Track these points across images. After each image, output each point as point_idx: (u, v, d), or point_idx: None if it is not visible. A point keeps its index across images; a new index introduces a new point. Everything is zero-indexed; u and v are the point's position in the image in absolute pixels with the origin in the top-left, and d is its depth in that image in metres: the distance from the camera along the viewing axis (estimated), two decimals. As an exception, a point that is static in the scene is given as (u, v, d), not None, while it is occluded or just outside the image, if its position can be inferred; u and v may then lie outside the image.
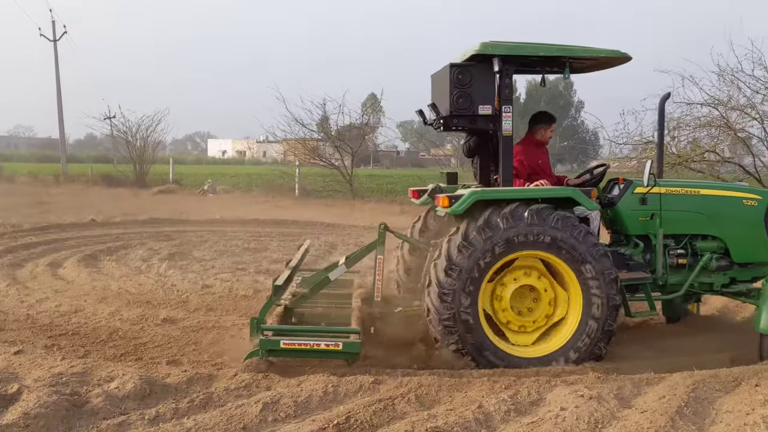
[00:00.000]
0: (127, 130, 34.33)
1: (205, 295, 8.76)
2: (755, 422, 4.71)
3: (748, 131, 19.01)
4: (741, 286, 7.06)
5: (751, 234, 6.97)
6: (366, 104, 32.72)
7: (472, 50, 6.30)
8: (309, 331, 6.08)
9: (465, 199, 6.14)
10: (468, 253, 6.04)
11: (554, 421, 4.79)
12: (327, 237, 15.01)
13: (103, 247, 12.81)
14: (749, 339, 6.70)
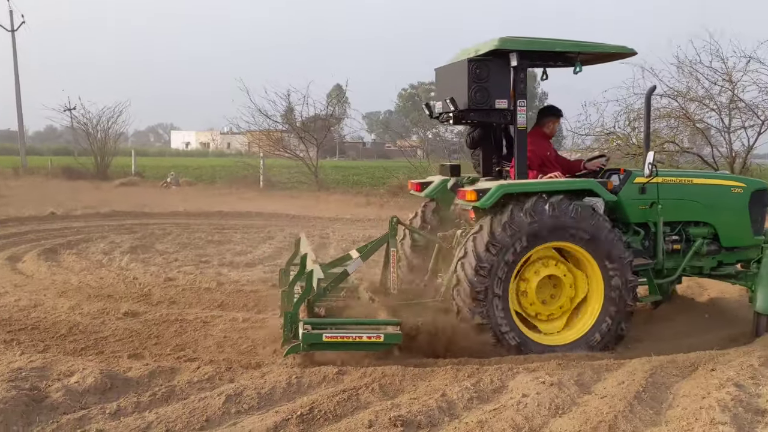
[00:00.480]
0: (87, 122, 33.81)
1: (167, 288, 8.67)
2: (710, 405, 4.82)
3: (706, 122, 19.38)
4: (729, 269, 7.45)
5: (737, 220, 7.35)
6: (331, 95, 32.63)
7: (490, 46, 6.42)
8: (350, 324, 6.00)
9: (493, 192, 6.24)
10: (499, 248, 6.17)
11: (516, 407, 4.85)
12: (292, 229, 14.94)
13: (64, 241, 12.61)
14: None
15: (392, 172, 27.93)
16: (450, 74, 6.98)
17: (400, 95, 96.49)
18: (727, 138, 18.88)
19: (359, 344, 5.81)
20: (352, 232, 14.59)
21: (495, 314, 6.22)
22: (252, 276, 9.56)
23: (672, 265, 7.18)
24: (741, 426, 4.57)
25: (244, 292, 8.46)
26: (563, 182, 6.69)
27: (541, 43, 6.58)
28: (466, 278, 6.21)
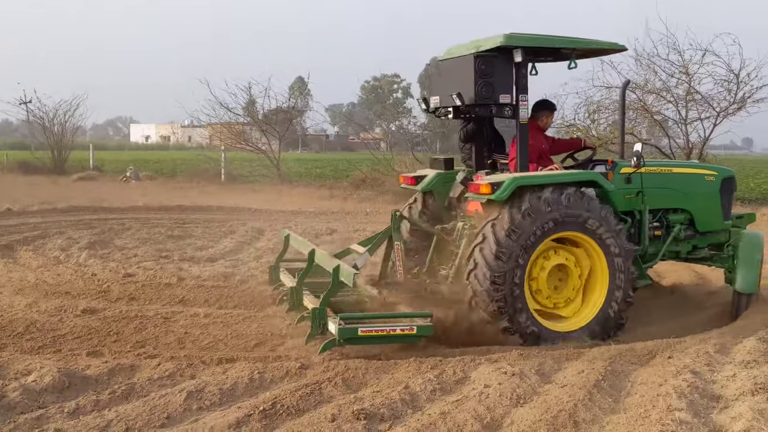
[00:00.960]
0: (44, 116, 33.07)
1: (127, 285, 8.55)
2: (667, 392, 4.92)
3: (663, 114, 19.67)
4: (704, 252, 7.90)
5: (711, 206, 7.76)
6: (293, 87, 32.44)
7: (496, 42, 6.62)
8: (383, 317, 6.09)
9: (507, 185, 6.36)
10: (516, 237, 6.31)
11: (478, 398, 4.90)
12: (254, 223, 14.83)
13: (20, 237, 12.33)
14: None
15: (355, 165, 27.89)
16: (452, 69, 7.15)
17: (363, 87, 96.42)
18: (684, 129, 19.20)
19: (393, 337, 5.94)
20: (315, 226, 14.54)
21: (512, 300, 6.34)
22: (213, 271, 9.47)
23: (653, 251, 7.48)
24: (697, 412, 4.68)
25: (206, 288, 8.39)
26: (571, 174, 6.91)
27: (544, 39, 6.83)
28: (486, 263, 6.31)
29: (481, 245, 6.38)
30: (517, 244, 6.32)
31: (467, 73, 6.75)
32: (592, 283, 6.83)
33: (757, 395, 4.88)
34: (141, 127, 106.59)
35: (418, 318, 6.01)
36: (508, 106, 6.85)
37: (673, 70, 18.64)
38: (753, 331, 6.58)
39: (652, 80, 19.00)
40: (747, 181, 26.12)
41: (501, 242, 6.31)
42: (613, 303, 6.72)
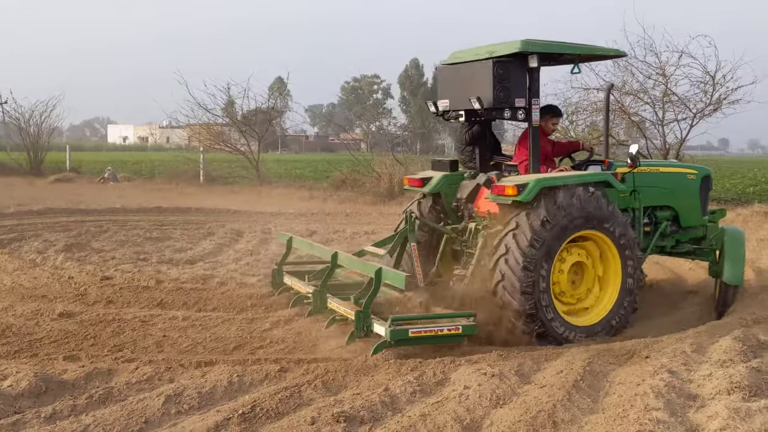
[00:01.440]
0: (20, 117, 32.67)
1: (104, 288, 8.46)
2: (645, 392, 4.96)
3: (641, 115, 19.85)
4: (687, 246, 8.27)
5: (692, 203, 8.18)
6: (272, 88, 32.34)
7: (513, 47, 6.82)
8: (430, 318, 6.20)
9: (533, 187, 6.52)
10: (546, 235, 6.52)
11: (458, 399, 4.91)
12: (233, 224, 14.77)
13: (-5, 240, 12.19)
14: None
15: (335, 166, 27.86)
16: (465, 73, 7.31)
17: (343, 88, 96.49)
18: (660, 130, 19.39)
19: (439, 337, 6.06)
20: (294, 227, 14.49)
21: (541, 303, 6.55)
22: (192, 273, 9.41)
23: (644, 246, 7.74)
24: (674, 411, 4.72)
25: (185, 290, 8.32)
26: (590, 175, 7.18)
27: (557, 45, 7.10)
28: (513, 273, 6.47)
29: (506, 256, 6.53)
30: (543, 247, 6.51)
31: (484, 77, 6.91)
32: (605, 275, 7.14)
33: (732, 394, 4.93)
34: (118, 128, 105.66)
35: (461, 318, 6.17)
36: (521, 110, 7.03)
37: (650, 72, 18.82)
38: (729, 331, 6.65)
39: (629, 82, 19.18)
40: (723, 182, 26.42)
41: (535, 235, 6.50)
42: (624, 302, 7.06)
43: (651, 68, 18.72)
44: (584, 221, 6.78)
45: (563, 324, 6.72)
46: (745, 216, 16.61)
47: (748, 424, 4.42)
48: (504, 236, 6.60)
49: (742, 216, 16.61)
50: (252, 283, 8.62)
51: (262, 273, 9.39)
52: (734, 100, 18.36)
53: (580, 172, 7.34)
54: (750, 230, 14.85)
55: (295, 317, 7.26)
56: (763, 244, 12.35)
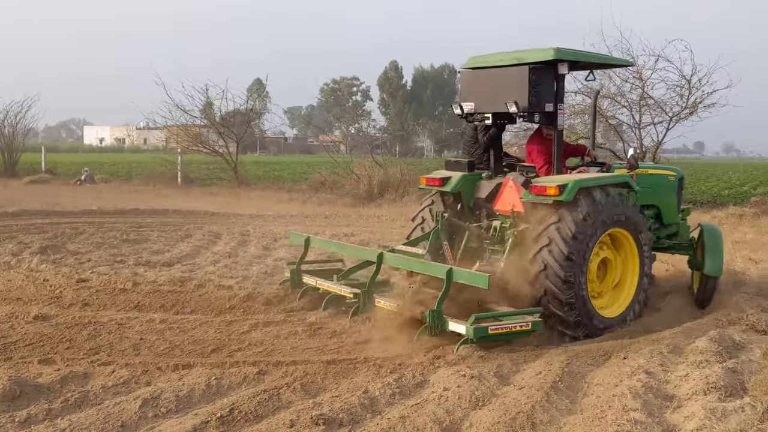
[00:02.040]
0: (-6, 117, 32.24)
1: (80, 290, 8.36)
2: (622, 393, 5.00)
3: (618, 118, 20.02)
4: (666, 242, 8.76)
5: (672, 202, 8.74)
6: (251, 89, 32.22)
7: (547, 55, 7.18)
8: (504, 316, 6.43)
9: (572, 187, 6.83)
10: (581, 237, 6.82)
11: (437, 401, 4.91)
12: (211, 226, 14.67)
13: (-32, 242, 12.00)
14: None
15: (314, 168, 27.79)
16: (495, 78, 7.63)
17: (322, 90, 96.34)
18: (637, 133, 19.58)
19: (513, 333, 6.31)
20: (273, 229, 14.44)
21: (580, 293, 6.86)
22: (170, 275, 9.32)
23: None
24: (651, 411, 4.75)
25: (162, 293, 8.25)
26: (615, 176, 7.59)
27: (583, 54, 7.65)
28: (557, 264, 6.73)
29: (549, 247, 6.81)
30: (585, 240, 6.86)
31: (520, 82, 7.24)
32: (624, 270, 7.54)
33: (708, 394, 4.98)
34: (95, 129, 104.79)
35: (528, 315, 6.45)
36: (549, 114, 7.40)
37: (627, 76, 19.00)
38: (704, 332, 6.73)
39: (607, 85, 19.34)
40: (698, 185, 26.71)
41: (578, 228, 6.80)
42: (640, 294, 7.49)
43: (628, 72, 18.90)
44: (617, 219, 7.17)
45: (596, 316, 7.02)
46: (720, 218, 16.82)
47: (724, 424, 4.47)
48: (546, 228, 6.87)
49: (717, 218, 16.81)
50: (230, 285, 8.57)
51: (241, 275, 9.34)
52: (710, 103, 18.62)
53: (608, 174, 7.73)
54: (725, 232, 15.02)
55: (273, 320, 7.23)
56: (737, 246, 12.50)
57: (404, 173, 22.34)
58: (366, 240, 12.92)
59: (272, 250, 11.76)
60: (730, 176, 35.22)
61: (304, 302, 7.91)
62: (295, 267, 8.21)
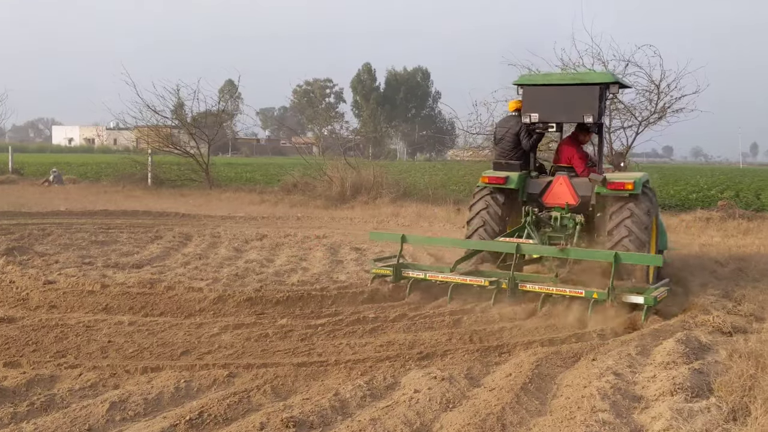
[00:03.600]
0: (-41, 116, 31.75)
1: (47, 292, 8.24)
2: (591, 394, 5.05)
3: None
4: None
5: None
6: (223, 91, 32.02)
7: (608, 78, 9.31)
8: (659, 287, 8.03)
9: (639, 183, 8.54)
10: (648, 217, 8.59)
11: (408, 403, 4.91)
12: (181, 228, 14.56)
13: (-68, 243, 11.76)
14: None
15: (287, 169, 27.67)
16: (563, 94, 9.24)
17: (294, 91, 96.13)
18: (608, 137, 19.77)
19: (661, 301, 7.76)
20: (244, 231, 14.37)
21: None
22: (139, 277, 9.21)
23: None
24: (619, 412, 4.80)
25: (131, 295, 8.15)
26: (646, 175, 9.16)
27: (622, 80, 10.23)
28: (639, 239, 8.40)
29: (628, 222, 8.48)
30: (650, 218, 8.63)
31: (591, 98, 8.93)
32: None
33: (675, 395, 5.05)
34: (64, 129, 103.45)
35: (662, 286, 8.14)
36: (598, 125, 9.37)
37: (597, 81, 19.17)
38: (671, 333, 6.82)
39: (578, 89, 19.51)
40: (667, 188, 27.08)
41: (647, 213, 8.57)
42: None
43: (599, 77, 19.08)
44: (656, 204, 9.18)
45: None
46: (688, 222, 17.09)
47: (690, 424, 4.53)
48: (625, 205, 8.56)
49: (685, 222, 17.07)
50: (200, 287, 8.49)
51: (211, 277, 9.26)
52: (678, 108, 18.89)
53: (645, 173, 9.22)
54: (692, 236, 15.28)
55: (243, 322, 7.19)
56: (705, 249, 12.69)
57: (377, 175, 22.36)
58: (338, 242, 12.89)
59: (243, 252, 11.70)
60: (697, 180, 35.77)
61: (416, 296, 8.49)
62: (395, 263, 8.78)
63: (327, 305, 7.92)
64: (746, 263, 11.21)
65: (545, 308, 7.83)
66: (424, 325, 7.22)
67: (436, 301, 8.30)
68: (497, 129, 9.97)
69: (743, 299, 8.39)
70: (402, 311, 7.65)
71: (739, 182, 36.19)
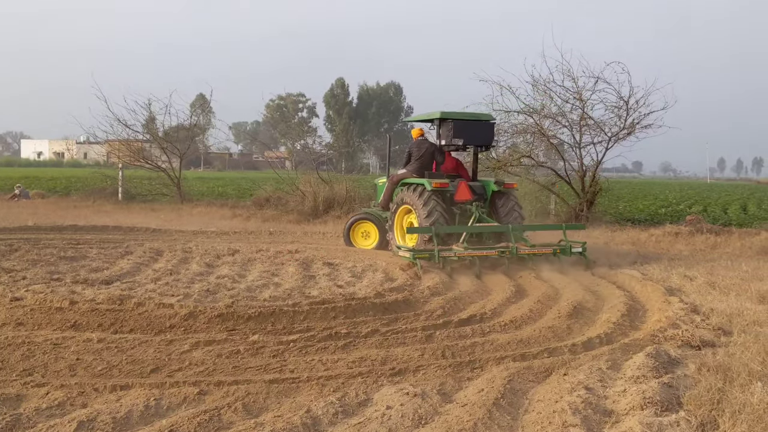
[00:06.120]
0: (-77, 129, 31.19)
1: (13, 309, 8.09)
2: (563, 409, 5.07)
3: (559, 137, 20.47)
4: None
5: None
6: (194, 105, 31.84)
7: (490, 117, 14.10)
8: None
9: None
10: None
11: (380, 420, 4.90)
12: (152, 243, 14.40)
13: None
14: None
15: (259, 184, 27.54)
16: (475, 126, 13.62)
17: (267, 106, 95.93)
18: (578, 153, 20.04)
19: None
20: (216, 246, 14.25)
21: None
22: (109, 294, 9.09)
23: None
24: (590, 427, 4.83)
25: (100, 311, 8.03)
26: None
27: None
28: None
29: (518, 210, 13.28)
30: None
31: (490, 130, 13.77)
32: None
33: (645, 409, 5.09)
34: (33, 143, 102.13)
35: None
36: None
37: (567, 96, 19.49)
38: (641, 348, 6.88)
39: (548, 105, 19.79)
40: (636, 203, 27.43)
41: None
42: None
43: (568, 92, 19.38)
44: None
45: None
46: (657, 236, 17.29)
47: (660, 438, 4.57)
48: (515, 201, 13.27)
49: (654, 236, 17.28)
50: (171, 303, 8.39)
51: (182, 293, 9.16)
52: (647, 124, 19.21)
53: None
54: (662, 250, 15.47)
55: (215, 338, 7.12)
56: (673, 263, 12.85)
57: (350, 190, 22.36)
58: (310, 257, 12.85)
59: (215, 267, 11.61)
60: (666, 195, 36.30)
61: (450, 269, 11.18)
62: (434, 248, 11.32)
63: (299, 321, 7.88)
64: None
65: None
66: (396, 341, 7.21)
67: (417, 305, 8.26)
68: (413, 149, 13.51)
69: (711, 313, 8.50)
70: (374, 326, 7.63)
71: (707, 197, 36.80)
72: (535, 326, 7.97)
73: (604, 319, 8.38)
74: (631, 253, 14.47)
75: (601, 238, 16.98)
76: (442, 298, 9.10)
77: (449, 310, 8.65)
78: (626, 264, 12.91)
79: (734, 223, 21.55)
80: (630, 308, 8.87)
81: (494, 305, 8.88)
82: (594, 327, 8.06)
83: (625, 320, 8.29)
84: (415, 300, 8.97)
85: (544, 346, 7.16)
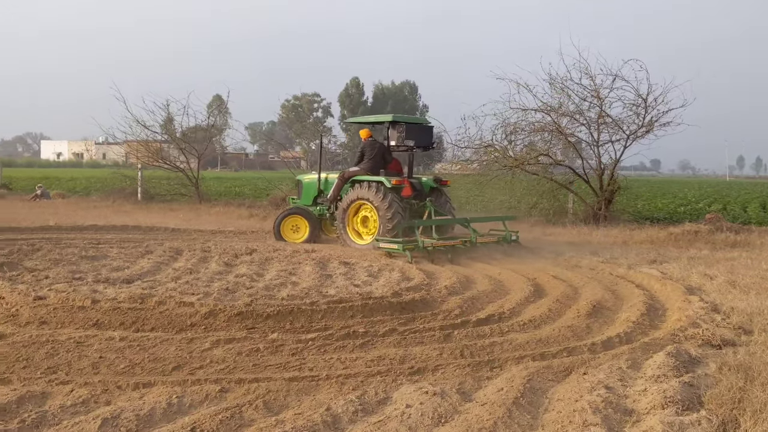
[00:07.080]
0: (-54, 130, 31.59)
1: (37, 308, 8.19)
2: (583, 408, 5.07)
3: (577, 136, 20.38)
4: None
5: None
6: (211, 106, 32.00)
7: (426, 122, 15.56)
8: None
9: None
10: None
11: (400, 418, 4.92)
12: (172, 243, 14.51)
13: None
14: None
15: (275, 184, 27.65)
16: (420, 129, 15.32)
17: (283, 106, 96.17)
18: (596, 151, 19.94)
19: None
20: (234, 245, 14.33)
21: None
22: (130, 292, 9.18)
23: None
24: (611, 426, 4.83)
25: (122, 310, 8.12)
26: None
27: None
28: None
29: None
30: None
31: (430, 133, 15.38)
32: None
33: (666, 408, 5.08)
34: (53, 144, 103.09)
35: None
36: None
37: (585, 94, 19.38)
38: (661, 347, 6.86)
39: (566, 103, 19.70)
40: (655, 201, 27.26)
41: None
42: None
43: (586, 90, 19.29)
44: None
45: None
46: (676, 235, 17.17)
47: (681, 437, 4.57)
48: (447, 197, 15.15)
49: (674, 235, 17.16)
50: (191, 302, 8.47)
51: (202, 292, 9.24)
52: (665, 122, 19.07)
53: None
54: (681, 249, 15.38)
55: (234, 336, 7.17)
56: (693, 262, 12.77)
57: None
58: (327, 256, 12.90)
59: (233, 267, 11.68)
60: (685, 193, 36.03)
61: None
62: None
63: (317, 319, 7.92)
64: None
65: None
66: (414, 340, 7.23)
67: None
68: (366, 148, 14.75)
69: (732, 312, 8.45)
70: (392, 326, 7.66)
71: (726, 195, 36.51)
72: (554, 325, 7.96)
73: (623, 318, 8.35)
74: (650, 252, 14.40)
75: (620, 237, 16.90)
76: (459, 298, 9.11)
77: (467, 309, 8.66)
78: (645, 263, 12.86)
79: (754, 221, 21.35)
80: (650, 307, 8.84)
81: (512, 305, 8.88)
82: (613, 326, 8.04)
83: (645, 319, 8.25)
84: (433, 299, 8.98)
85: (564, 345, 7.16)
